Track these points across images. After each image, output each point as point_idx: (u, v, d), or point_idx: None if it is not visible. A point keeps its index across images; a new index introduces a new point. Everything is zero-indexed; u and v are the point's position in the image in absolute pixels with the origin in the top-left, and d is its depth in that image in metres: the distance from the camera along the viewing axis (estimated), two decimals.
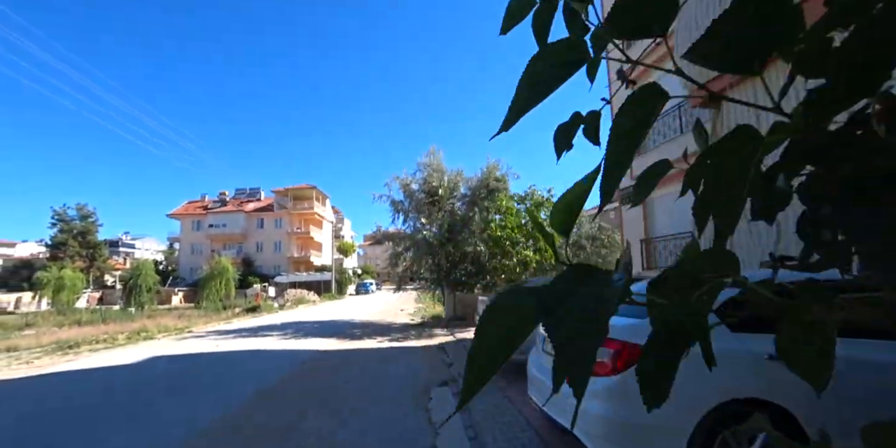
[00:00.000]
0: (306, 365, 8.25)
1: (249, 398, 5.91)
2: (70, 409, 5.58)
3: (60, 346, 11.38)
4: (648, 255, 11.49)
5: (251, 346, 10.75)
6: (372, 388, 6.38)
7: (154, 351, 10.39)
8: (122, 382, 7.09)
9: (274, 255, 50.44)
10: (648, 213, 11.70)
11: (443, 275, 15.42)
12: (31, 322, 18.89)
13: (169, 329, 14.68)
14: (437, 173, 15.84)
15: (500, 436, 4.35)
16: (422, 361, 8.48)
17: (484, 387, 0.52)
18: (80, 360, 9.60)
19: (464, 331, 12.65)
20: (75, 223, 43.90)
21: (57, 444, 4.43)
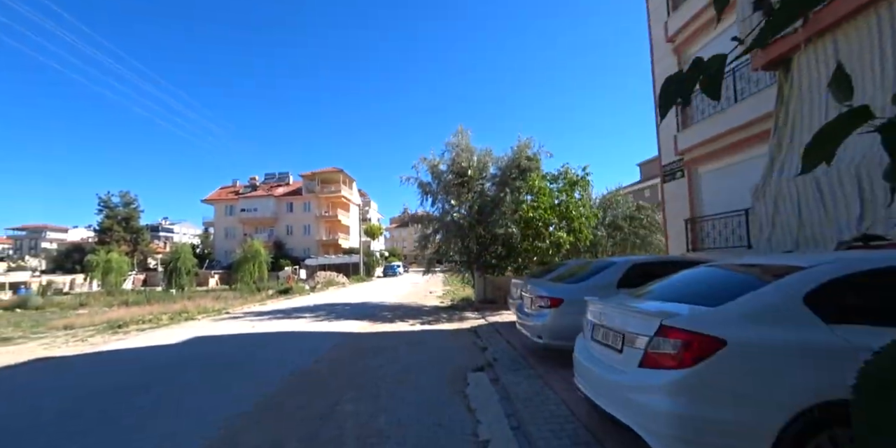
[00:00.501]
0: (340, 347, 8.22)
1: (287, 380, 5.92)
2: (121, 388, 5.73)
3: (111, 326, 11.91)
4: (694, 236, 10.69)
5: (285, 328, 10.85)
6: (407, 373, 6.26)
7: (195, 331, 10.65)
8: (167, 362, 7.26)
9: (303, 238, 51.34)
10: (695, 190, 10.86)
11: (473, 257, 15.18)
12: (85, 302, 20.41)
13: (208, 310, 15.08)
14: (466, 153, 15.43)
15: (544, 426, 4.15)
16: (455, 345, 8.36)
17: None
18: (129, 338, 10.00)
19: (495, 314, 12.46)
20: (119, 209, 46.07)
21: (110, 418, 4.58)
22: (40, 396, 5.55)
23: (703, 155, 10.17)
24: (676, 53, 11.29)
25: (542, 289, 6.63)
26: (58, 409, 4.92)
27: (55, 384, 6.11)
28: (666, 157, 11.79)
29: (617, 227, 17.15)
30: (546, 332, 6.22)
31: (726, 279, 3.74)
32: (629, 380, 3.00)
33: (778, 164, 6.38)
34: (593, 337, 3.85)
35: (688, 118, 11.01)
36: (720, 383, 2.58)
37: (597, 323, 3.79)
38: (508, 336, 8.90)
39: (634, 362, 3.00)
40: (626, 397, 3.00)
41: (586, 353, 3.92)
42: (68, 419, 4.60)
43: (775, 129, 6.53)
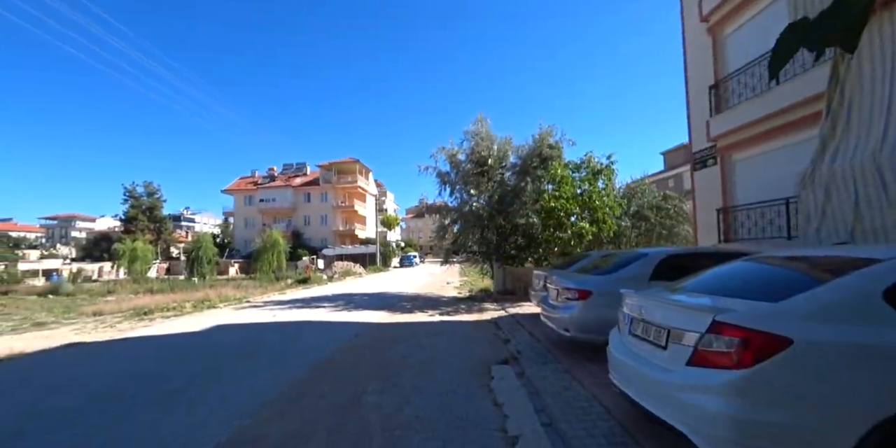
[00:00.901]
0: (361, 337, 8.14)
1: (309, 370, 5.87)
2: (149, 375, 5.77)
3: (137, 313, 12.20)
4: (727, 226, 10.21)
5: (305, 317, 10.85)
6: (429, 364, 6.12)
7: (217, 319, 10.76)
8: (191, 350, 7.33)
9: (320, 228, 51.68)
10: (728, 178, 10.33)
11: (492, 248, 14.94)
12: (112, 289, 21.02)
13: (229, 299, 15.25)
14: (486, 142, 15.13)
15: (577, 423, 3.95)
16: (477, 336, 8.19)
17: None
18: (154, 325, 10.17)
19: (515, 305, 12.27)
20: (143, 199, 47.00)
21: (137, 404, 4.59)
22: (72, 382, 5.61)
23: (738, 141, 9.69)
24: (711, 34, 10.73)
25: (569, 280, 6.39)
26: (88, 395, 4.99)
27: (85, 370, 6.22)
28: (697, 144, 11.31)
29: (642, 217, 16.69)
30: (573, 325, 6.00)
31: (781, 272, 3.46)
32: (676, 379, 2.78)
33: (831, 149, 5.93)
34: (631, 332, 3.63)
35: (722, 102, 10.42)
36: (784, 386, 2.33)
37: (636, 317, 3.57)
38: (531, 328, 8.70)
39: (682, 360, 2.79)
40: (673, 396, 2.78)
41: (623, 348, 3.71)
42: (95, 405, 4.64)
43: (828, 111, 6.05)
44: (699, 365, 2.67)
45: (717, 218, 10.33)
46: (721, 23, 10.34)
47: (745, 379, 2.38)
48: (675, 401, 2.77)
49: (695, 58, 11.41)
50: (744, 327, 2.49)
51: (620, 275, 6.18)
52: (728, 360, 2.51)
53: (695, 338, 2.72)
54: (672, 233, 16.95)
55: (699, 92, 10.99)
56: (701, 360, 2.67)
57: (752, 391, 2.36)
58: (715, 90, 10.36)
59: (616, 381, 3.69)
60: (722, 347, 2.55)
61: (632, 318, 3.67)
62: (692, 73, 11.50)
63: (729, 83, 9.99)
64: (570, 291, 6.20)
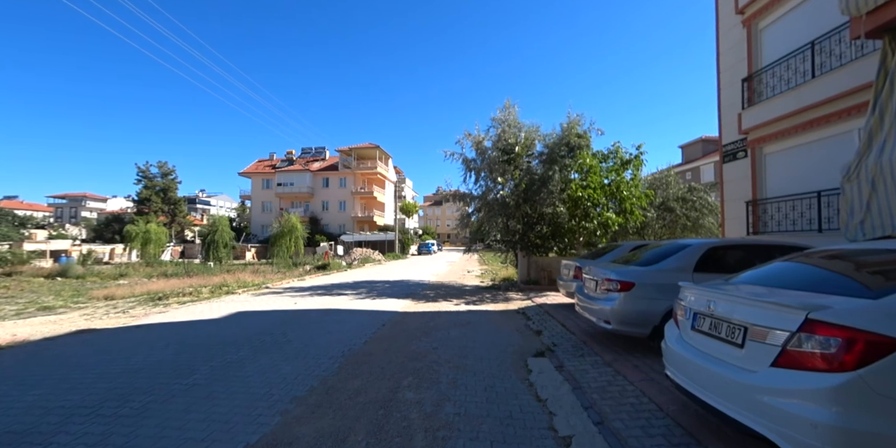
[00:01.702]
0: (388, 327, 7.95)
1: (339, 362, 5.61)
2: (163, 366, 5.46)
3: (151, 297, 11.79)
4: (755, 219, 10.12)
5: (328, 305, 10.66)
6: (463, 357, 5.92)
7: (237, 306, 10.51)
8: (211, 339, 7.00)
9: (339, 214, 51.70)
10: (759, 170, 10.25)
11: (517, 237, 14.72)
12: (124, 272, 20.31)
13: (247, 284, 14.95)
14: (513, 129, 14.84)
15: (630, 422, 3.73)
16: (506, 327, 7.99)
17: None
18: (169, 311, 9.83)
19: (540, 295, 12.08)
20: (157, 180, 46.87)
21: (155, 401, 4.23)
22: (82, 374, 5.15)
23: (771, 134, 9.58)
24: (746, 26, 10.56)
25: (610, 271, 6.12)
26: (101, 390, 4.59)
27: (96, 360, 5.75)
28: (727, 137, 11.20)
29: (667, 208, 16.31)
30: (615, 318, 5.76)
31: (862, 267, 3.17)
32: (759, 381, 2.54)
33: (878, 142, 5.70)
34: (696, 327, 3.38)
35: (754, 95, 10.32)
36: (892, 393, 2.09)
37: (702, 312, 3.31)
38: (562, 319, 8.49)
39: (764, 360, 2.56)
40: (756, 399, 2.54)
41: (684, 344, 3.47)
42: (109, 402, 4.25)
43: (875, 103, 5.83)
44: (788, 367, 2.44)
45: (745, 210, 10.29)
46: (756, 15, 10.21)
47: (846, 384, 2.14)
48: (757, 404, 2.54)
49: (728, 50, 11.31)
50: (844, 326, 2.24)
51: (663, 266, 5.93)
52: (824, 362, 2.27)
53: (782, 337, 2.49)
54: (697, 224, 16.55)
55: (731, 84, 10.97)
56: (790, 361, 2.44)
57: (855, 398, 2.13)
58: (748, 83, 10.28)
59: (676, 379, 3.46)
60: (816, 348, 2.31)
61: (695, 312, 3.42)
62: (724, 65, 11.40)
63: (763, 76, 9.91)
64: (611, 283, 5.95)
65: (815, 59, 8.65)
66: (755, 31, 10.41)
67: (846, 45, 8.10)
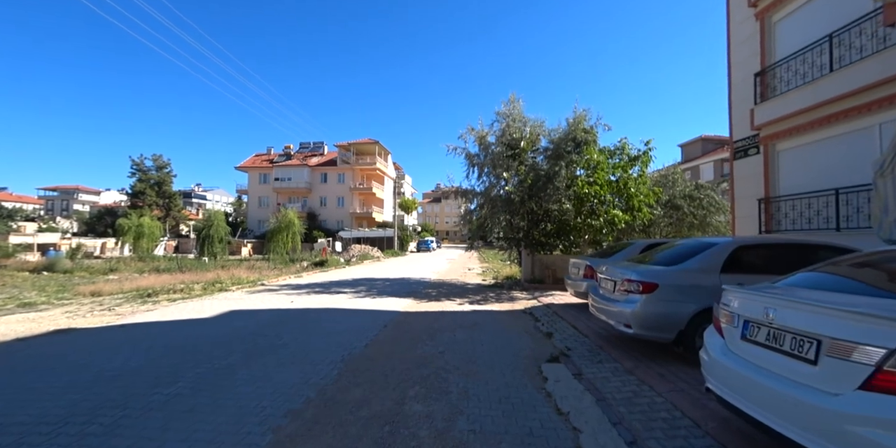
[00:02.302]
0: (390, 328, 7.50)
1: (339, 368, 5.15)
2: (143, 372, 4.99)
3: (140, 294, 11.25)
4: (768, 217, 9.85)
5: (326, 304, 10.19)
6: (471, 362, 5.49)
7: (230, 304, 10.00)
8: (199, 340, 6.51)
9: (337, 209, 51.26)
10: (772, 167, 9.99)
11: (522, 234, 14.30)
12: (115, 267, 19.76)
13: (242, 281, 14.47)
14: (518, 123, 14.43)
15: (667, 441, 3.31)
16: (514, 329, 7.56)
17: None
18: (158, 309, 9.32)
19: (545, 295, 11.68)
20: (152, 173, 46.24)
21: (129, 416, 3.74)
22: (43, 383, 4.57)
23: (785, 130, 9.32)
24: (759, 19, 10.30)
25: (630, 271, 5.68)
26: (63, 403, 4.02)
27: (67, 365, 5.21)
28: (738, 133, 10.96)
29: (674, 206, 15.89)
30: (636, 321, 5.32)
31: None
32: (844, 406, 2.12)
33: None
34: (747, 336, 2.94)
35: (767, 90, 10.03)
36: None
37: (756, 320, 2.87)
38: (572, 320, 8.07)
39: (849, 382, 2.14)
40: (838, 429, 2.12)
41: (731, 355, 3.04)
42: (71, 418, 3.71)
43: None
44: (884, 391, 1.99)
45: (758, 208, 10.04)
46: (770, 8, 9.99)
47: None
48: (841, 434, 2.11)
49: (739, 44, 11.06)
50: None
51: (688, 266, 5.50)
52: None
53: (877, 355, 2.06)
54: (704, 223, 16.16)
55: (742, 79, 10.72)
56: (886, 385, 1.99)
57: None
58: (761, 77, 10.03)
59: (721, 393, 3.03)
60: None
61: (746, 320, 2.99)
62: (735, 59, 11.15)
63: (777, 70, 9.65)
64: (631, 283, 5.51)
65: (833, 53, 8.36)
66: (768, 25, 10.16)
67: (867, 37, 7.83)
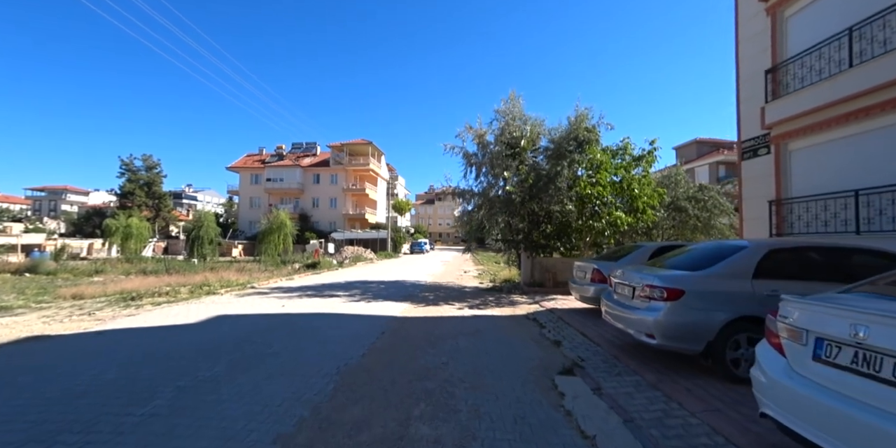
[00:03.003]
0: (388, 335, 7.00)
1: (334, 382, 4.64)
2: (118, 386, 4.47)
3: (124, 297, 10.65)
4: (780, 219, 9.49)
5: (319, 309, 9.68)
6: (479, 374, 5.03)
7: (217, 309, 9.43)
8: (183, 348, 5.98)
9: (329, 211, 50.67)
10: (784, 168, 9.61)
11: (521, 236, 13.87)
12: (100, 269, 18.99)
13: (231, 284, 13.87)
14: (518, 121, 14.02)
15: None
16: (519, 336, 7.12)
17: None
18: (140, 314, 8.72)
19: (547, 299, 11.28)
20: (142, 174, 45.44)
21: (98, 440, 3.25)
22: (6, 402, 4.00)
23: (798, 129, 8.95)
24: (770, 14, 9.92)
25: (652, 276, 5.23)
26: (21, 426, 3.48)
27: (33, 378, 4.68)
28: (747, 132, 10.58)
29: (678, 208, 15.53)
30: (661, 331, 4.88)
31: None
32: None
33: None
34: (823, 357, 2.51)
35: (779, 87, 9.61)
36: None
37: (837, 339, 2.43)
38: (580, 326, 7.65)
39: None
40: None
41: (798, 378, 2.60)
42: (27, 445, 3.18)
43: None
44: None
45: (768, 210, 9.64)
46: (782, 3, 9.62)
47: None
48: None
49: (748, 40, 10.69)
50: None
51: (716, 271, 5.06)
52: None
53: None
54: (708, 225, 15.81)
55: (751, 76, 10.38)
56: None
57: None
58: (772, 74, 9.64)
59: (784, 420, 2.58)
60: None
61: (821, 337, 2.53)
62: (744, 56, 10.79)
63: (790, 67, 9.26)
64: (654, 289, 5.06)
65: (853, 47, 7.97)
66: (780, 20, 9.79)
67: (892, 30, 7.44)
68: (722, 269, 5.06)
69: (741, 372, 4.64)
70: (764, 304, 4.72)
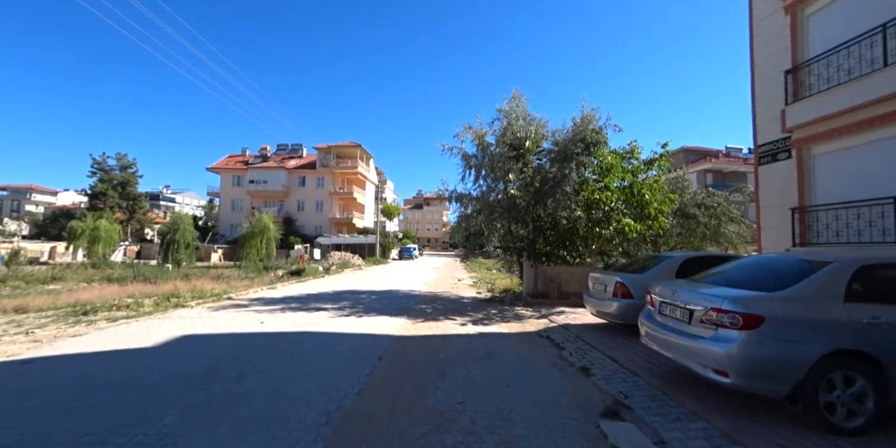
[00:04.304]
0: (386, 362, 5.90)
1: (323, 440, 3.50)
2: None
3: (76, 311, 9.20)
4: (804, 228, 8.82)
5: (304, 326, 8.43)
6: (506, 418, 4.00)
7: (184, 327, 8.08)
8: (129, 385, 4.71)
9: (315, 214, 49.36)
10: (808, 174, 8.95)
11: (525, 243, 12.91)
12: (60, 275, 17.27)
13: (204, 294, 12.42)
14: (523, 121, 13.10)
15: None
16: (538, 361, 6.12)
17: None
18: (89, 334, 7.39)
19: (554, 312, 10.34)
20: (115, 173, 43.35)
21: None
22: None
23: (823, 132, 8.38)
24: (789, 13, 9.38)
25: (720, 298, 4.22)
26: None
27: None
28: (764, 136, 10.02)
29: (686, 214, 14.71)
30: (736, 368, 3.87)
31: None
32: None
33: None
34: None
35: (801, 88, 9.00)
36: None
37: None
38: (604, 348, 6.69)
39: None
40: None
41: None
42: None
43: None
44: None
45: (791, 218, 9.01)
46: (801, 1, 9.16)
47: None
48: None
49: (765, 40, 10.17)
50: None
51: (799, 292, 4.08)
52: None
53: None
54: (717, 233, 15.02)
55: (769, 78, 9.86)
56: None
57: None
58: (793, 75, 9.08)
59: None
60: None
61: None
62: (760, 56, 10.30)
63: (814, 66, 8.68)
64: (725, 315, 4.06)
65: (887, 45, 7.33)
66: (800, 19, 9.29)
67: None
68: (804, 289, 4.09)
69: (838, 419, 3.68)
70: (863, 335, 3.77)
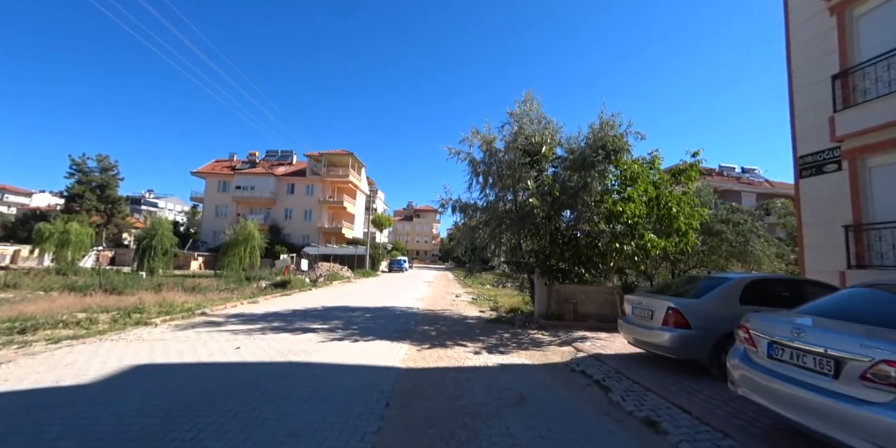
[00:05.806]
0: (396, 411, 4.48)
1: None
2: None
3: (13, 328, 7.53)
4: (861, 248, 7.96)
5: (289, 354, 6.85)
6: None
7: (139, 353, 6.48)
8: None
9: (303, 223, 47.95)
10: (863, 187, 8.12)
11: (540, 259, 11.68)
12: (14, 282, 15.49)
13: (174, 309, 10.72)
14: (536, 125, 12.03)
15: None
16: (585, 408, 4.80)
17: None
18: (15, 360, 5.84)
19: (575, 337, 9.16)
20: (95, 175, 41.32)
21: None
22: None
23: (882, 142, 7.75)
24: (836, 14, 8.76)
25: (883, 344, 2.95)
26: None
27: None
28: (806, 146, 9.28)
29: (712, 231, 13.57)
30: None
31: None
32: None
33: None
34: None
35: (852, 94, 8.30)
36: None
37: None
38: (662, 391, 5.39)
39: None
40: None
41: None
42: None
43: None
44: None
45: (844, 237, 8.17)
46: (850, 2, 8.61)
47: None
48: None
49: (805, 43, 9.57)
50: None
51: None
52: None
53: None
54: (744, 251, 13.87)
55: (812, 83, 9.28)
56: None
57: None
58: (842, 80, 8.43)
59: None
60: None
61: None
62: (799, 61, 9.68)
63: (869, 69, 8.01)
64: (880, 367, 2.80)
65: None
66: (849, 20, 8.68)
67: None
68: None
69: None
70: None
